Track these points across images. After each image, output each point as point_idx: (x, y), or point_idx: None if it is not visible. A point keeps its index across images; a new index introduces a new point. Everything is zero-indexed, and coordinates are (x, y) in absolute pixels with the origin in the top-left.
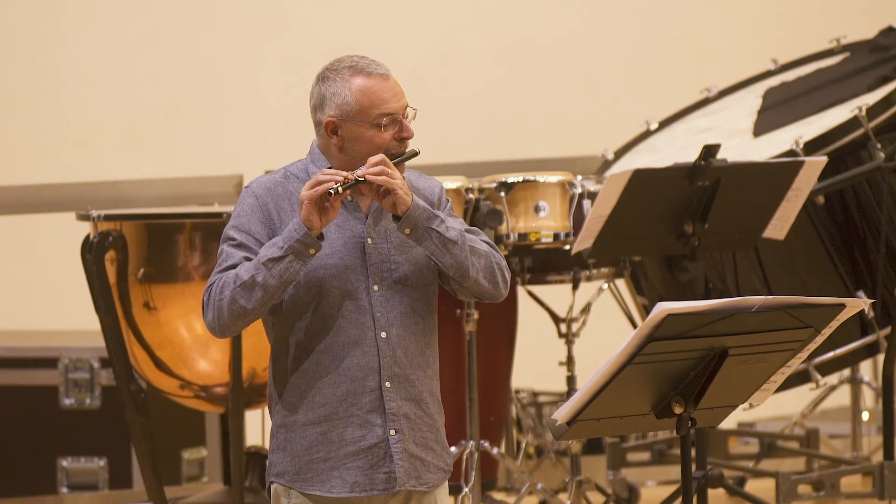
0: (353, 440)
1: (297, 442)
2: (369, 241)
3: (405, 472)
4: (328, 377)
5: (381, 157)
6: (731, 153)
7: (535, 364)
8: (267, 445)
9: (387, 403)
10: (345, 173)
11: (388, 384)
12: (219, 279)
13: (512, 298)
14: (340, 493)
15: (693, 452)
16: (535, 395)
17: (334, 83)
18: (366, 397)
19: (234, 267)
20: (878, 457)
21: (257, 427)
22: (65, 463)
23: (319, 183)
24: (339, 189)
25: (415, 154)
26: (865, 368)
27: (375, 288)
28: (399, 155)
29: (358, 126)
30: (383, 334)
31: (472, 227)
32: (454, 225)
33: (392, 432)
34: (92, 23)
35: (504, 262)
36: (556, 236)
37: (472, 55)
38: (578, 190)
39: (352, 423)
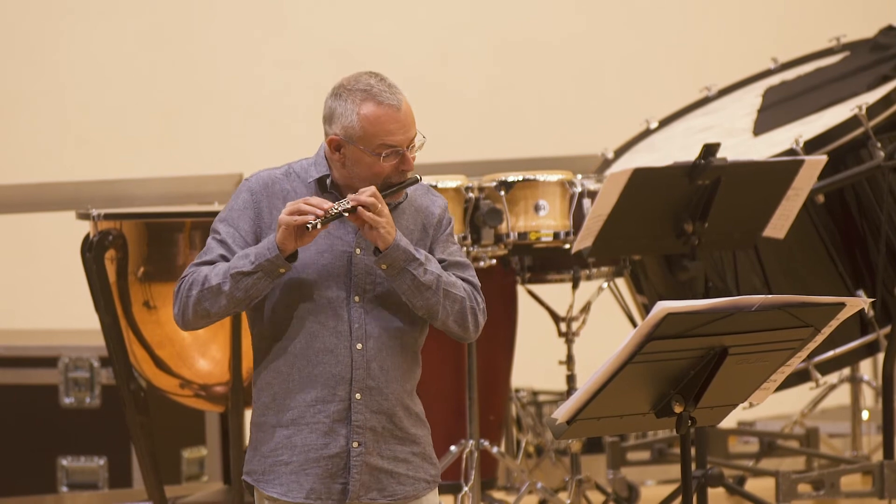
0: (316, 447)
1: (265, 442)
2: (357, 251)
3: (362, 485)
4: (300, 382)
5: (371, 191)
6: (731, 152)
7: (534, 363)
8: None
9: (353, 415)
10: (328, 205)
11: (358, 396)
12: (191, 274)
13: (512, 297)
14: (296, 498)
15: (693, 451)
16: (534, 394)
17: (345, 103)
18: (334, 406)
19: (209, 263)
20: (878, 456)
21: None
22: (64, 462)
23: (301, 212)
24: (318, 225)
25: (414, 182)
26: (865, 367)
27: (356, 299)
28: (397, 184)
29: (359, 151)
30: (359, 346)
31: (462, 261)
32: (432, 268)
33: (355, 444)
34: (92, 22)
35: (482, 306)
36: (555, 235)
37: (472, 54)
38: (578, 189)
39: (317, 429)
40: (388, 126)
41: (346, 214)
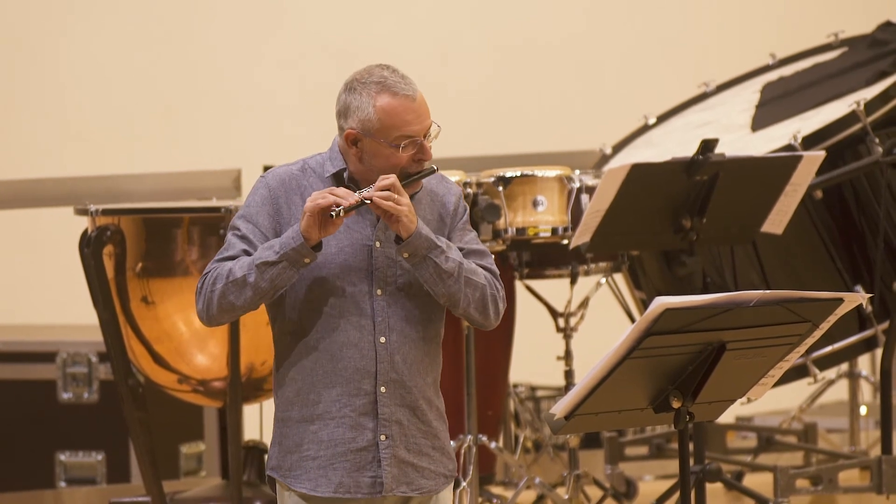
0: (344, 441)
1: (290, 437)
2: (377, 244)
3: (393, 477)
4: (325, 376)
5: (391, 180)
6: (729, 148)
7: (533, 358)
8: (265, 439)
9: (380, 408)
10: (352, 196)
11: (383, 389)
12: (214, 269)
13: (510, 293)
14: (325, 493)
15: (691, 447)
16: (533, 389)
17: (359, 96)
18: (360, 400)
19: (232, 258)
20: (876, 451)
21: (255, 421)
22: (63, 457)
23: (325, 199)
24: (341, 212)
25: (431, 172)
26: (863, 363)
27: (378, 292)
28: (415, 173)
29: (377, 143)
30: (382, 339)
31: (480, 249)
32: (454, 256)
33: (382, 437)
34: (91, 18)
35: (502, 293)
36: (554, 231)
37: (472, 50)
38: (576, 184)
39: (343, 423)
40: (405, 116)
41: (369, 202)
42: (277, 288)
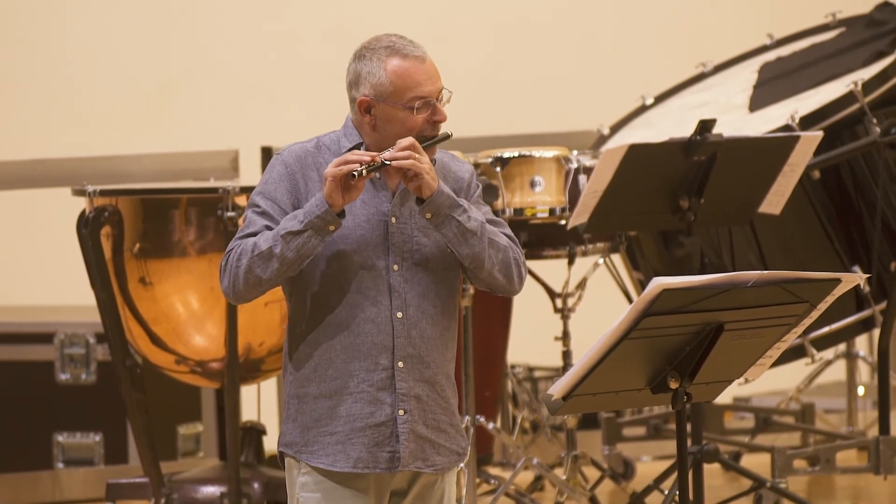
0: (362, 416)
1: (307, 413)
2: (393, 219)
3: (410, 452)
4: (342, 351)
5: (410, 140)
6: (727, 128)
7: (530, 339)
8: (263, 420)
9: (398, 383)
10: (371, 155)
11: (400, 364)
12: (237, 246)
13: None
14: (343, 468)
15: (688, 427)
16: (530, 370)
17: (370, 62)
18: (377, 375)
19: (254, 234)
20: (874, 431)
21: (253, 402)
22: (60, 438)
23: (346, 162)
24: (363, 171)
25: (447, 137)
26: (861, 343)
27: (395, 267)
28: (430, 137)
29: (391, 107)
30: (399, 314)
31: (496, 219)
32: (476, 216)
33: (401, 412)
34: (90, 0)
35: (522, 258)
36: (551, 211)
37: (468, 30)
38: (574, 165)
39: (361, 398)
40: (417, 77)
41: (390, 163)
42: (303, 258)
